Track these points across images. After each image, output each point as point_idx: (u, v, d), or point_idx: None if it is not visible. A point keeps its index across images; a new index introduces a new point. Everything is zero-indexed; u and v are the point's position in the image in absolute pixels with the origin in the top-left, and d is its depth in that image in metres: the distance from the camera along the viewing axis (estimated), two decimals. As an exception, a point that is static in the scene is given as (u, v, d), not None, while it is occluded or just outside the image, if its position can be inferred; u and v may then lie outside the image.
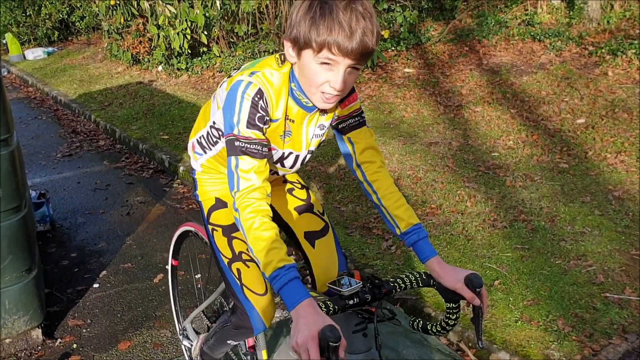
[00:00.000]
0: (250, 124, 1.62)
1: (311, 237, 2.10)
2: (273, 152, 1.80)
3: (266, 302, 1.93)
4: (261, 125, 1.63)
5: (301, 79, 1.64)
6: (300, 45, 1.55)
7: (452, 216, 4.05)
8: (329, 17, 1.49)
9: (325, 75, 1.56)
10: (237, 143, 1.61)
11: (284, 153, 1.83)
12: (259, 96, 1.63)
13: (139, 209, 4.92)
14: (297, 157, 1.86)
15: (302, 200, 2.15)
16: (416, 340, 2.97)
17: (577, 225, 3.78)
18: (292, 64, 1.67)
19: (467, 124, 5.81)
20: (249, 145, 1.61)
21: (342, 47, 1.49)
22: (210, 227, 2.02)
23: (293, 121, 1.76)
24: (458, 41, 8.14)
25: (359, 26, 1.48)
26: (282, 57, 1.70)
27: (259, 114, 1.63)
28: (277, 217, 2.13)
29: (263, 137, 1.64)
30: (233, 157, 1.61)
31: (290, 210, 2.13)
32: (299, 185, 2.17)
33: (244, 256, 1.95)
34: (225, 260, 1.96)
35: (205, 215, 2.04)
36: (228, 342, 2.11)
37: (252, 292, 1.92)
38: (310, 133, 1.82)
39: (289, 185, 2.16)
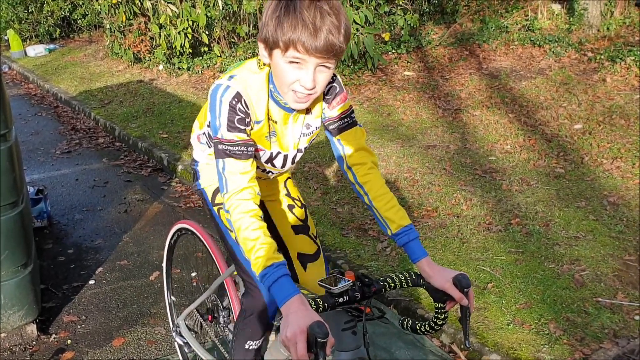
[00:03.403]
0: (231, 127, 1.64)
1: (304, 259, 2.15)
2: (261, 152, 1.82)
3: None
4: (242, 127, 1.65)
5: (275, 79, 1.66)
6: (270, 45, 1.57)
7: (447, 219, 4.07)
8: (293, 15, 1.49)
9: (294, 74, 1.57)
10: (220, 146, 1.64)
11: (272, 153, 1.84)
12: (236, 99, 1.64)
13: (136, 207, 4.93)
14: (285, 156, 1.88)
15: (300, 220, 2.19)
16: (408, 341, 2.99)
17: (571, 230, 3.80)
18: (268, 65, 1.68)
19: (466, 128, 5.83)
20: (232, 148, 1.63)
21: (307, 45, 1.49)
22: (215, 207, 2.03)
23: (276, 122, 1.78)
24: (458, 45, 8.17)
25: (324, 24, 1.48)
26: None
27: (238, 117, 1.64)
28: (274, 232, 2.16)
29: (247, 138, 1.66)
30: (220, 160, 1.64)
31: (287, 227, 2.17)
32: (299, 204, 2.21)
33: None
34: (233, 235, 1.93)
35: (210, 199, 2.05)
36: (247, 345, 2.03)
37: None
38: (297, 132, 1.84)
39: (290, 202, 2.19)
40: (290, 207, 2.18)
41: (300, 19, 1.48)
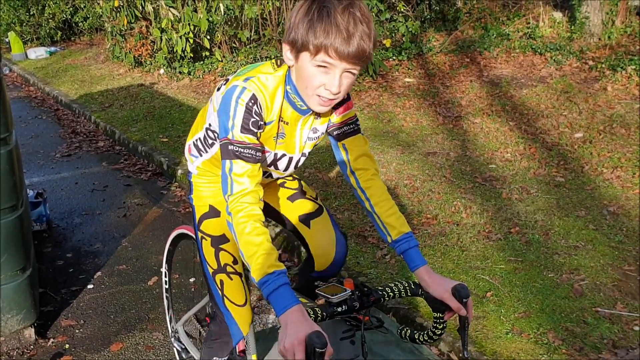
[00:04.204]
0: (245, 129, 1.63)
1: (306, 218, 2.12)
2: (266, 154, 1.82)
3: (245, 312, 1.98)
4: (255, 130, 1.65)
5: (298, 81, 1.66)
6: (298, 48, 1.57)
7: (447, 227, 4.06)
8: (327, 20, 1.50)
9: (321, 78, 1.57)
10: (230, 147, 1.63)
11: (276, 154, 1.84)
12: (252, 101, 1.64)
13: (135, 211, 4.93)
14: (290, 159, 1.88)
15: (293, 189, 2.17)
16: (407, 349, 2.98)
17: (571, 239, 3.80)
18: (289, 67, 1.69)
19: (466, 135, 5.83)
20: (242, 150, 1.63)
21: (339, 50, 1.50)
22: (200, 234, 2.03)
23: (287, 123, 1.78)
24: (459, 52, 8.18)
25: (356, 30, 1.50)
26: (279, 61, 1.72)
27: (253, 119, 1.64)
28: (270, 210, 2.15)
29: (257, 142, 1.66)
30: (227, 161, 1.63)
31: (283, 200, 2.15)
32: (290, 178, 2.19)
33: (229, 268, 1.98)
34: (210, 270, 1.99)
35: (197, 221, 2.05)
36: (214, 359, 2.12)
37: (233, 303, 1.96)
38: (304, 136, 1.84)
39: (280, 180, 2.18)
40: (282, 184, 2.17)
41: (335, 24, 1.49)
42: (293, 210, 2.13)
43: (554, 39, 7.88)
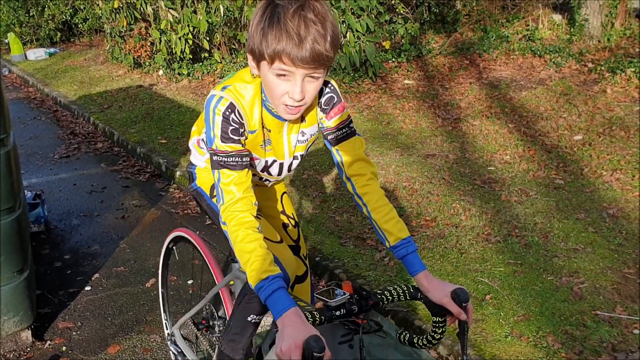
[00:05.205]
0: (225, 138, 1.63)
1: (293, 280, 2.13)
2: (256, 161, 1.81)
3: (282, 249, 1.91)
4: (236, 138, 1.64)
5: (265, 90, 1.64)
6: (257, 57, 1.53)
7: (446, 229, 4.05)
8: (277, 26, 1.45)
9: (283, 86, 1.54)
10: (215, 157, 1.63)
11: (267, 161, 1.83)
12: (230, 110, 1.63)
13: (134, 213, 4.92)
14: (281, 164, 1.87)
15: (293, 241, 2.19)
16: (406, 352, 2.96)
17: (570, 242, 3.78)
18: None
19: (465, 137, 5.83)
20: (226, 159, 1.62)
21: (292, 56, 1.45)
22: (214, 199, 2.00)
23: (270, 130, 1.77)
24: (459, 54, 8.18)
25: (308, 33, 1.44)
26: None
27: (231, 127, 1.63)
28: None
29: (241, 148, 1.65)
30: (215, 171, 1.64)
31: None
32: (293, 222, 2.21)
33: None
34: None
35: (208, 194, 2.04)
36: (249, 318, 1.97)
37: (269, 240, 1.86)
38: (292, 140, 1.82)
39: (284, 220, 2.19)
40: (285, 226, 2.18)
41: (285, 30, 1.44)
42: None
43: (553, 41, 7.88)
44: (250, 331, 1.99)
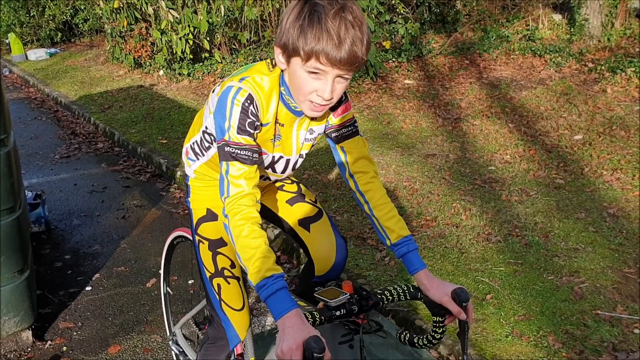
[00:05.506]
0: (241, 130, 1.61)
1: (305, 222, 2.09)
2: (264, 156, 1.80)
3: (242, 317, 1.94)
4: (251, 131, 1.63)
5: (290, 85, 1.64)
6: (289, 53, 1.54)
7: (446, 229, 4.05)
8: (317, 25, 1.46)
9: (313, 84, 1.54)
10: (227, 148, 1.61)
11: (274, 157, 1.83)
12: (249, 102, 1.62)
13: (134, 213, 4.92)
14: (287, 161, 1.86)
15: (293, 192, 2.14)
16: (406, 352, 2.97)
17: (571, 242, 3.78)
18: (282, 70, 1.66)
19: (465, 137, 5.83)
20: (239, 151, 1.61)
21: (331, 56, 1.46)
22: (197, 237, 2.01)
23: (283, 125, 1.77)
24: (459, 54, 8.17)
25: (348, 35, 1.46)
26: (273, 61, 1.69)
27: (249, 120, 1.62)
28: (269, 213, 2.13)
29: (254, 143, 1.64)
30: (224, 163, 1.61)
31: (282, 204, 2.12)
32: (289, 181, 2.17)
33: (226, 272, 1.95)
34: (208, 274, 1.96)
35: (194, 224, 2.04)
36: None
37: (230, 307, 1.93)
38: (301, 137, 1.83)
39: (278, 183, 2.16)
40: (280, 187, 2.14)
41: (325, 30, 1.45)
42: (292, 213, 2.10)
43: (553, 41, 7.87)
44: None
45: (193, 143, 1.99)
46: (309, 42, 1.47)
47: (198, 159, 1.98)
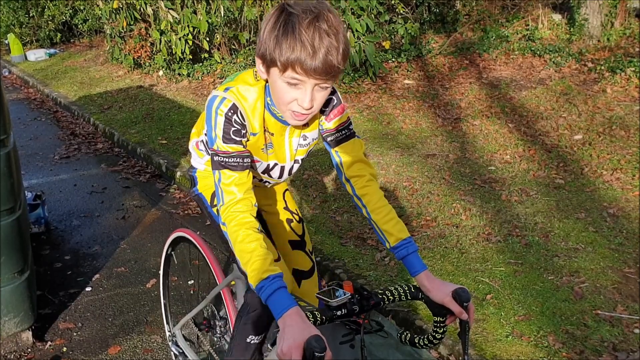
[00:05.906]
0: (226, 139, 1.63)
1: (299, 275, 2.16)
2: (257, 164, 1.81)
3: (280, 265, 1.91)
4: (238, 139, 1.64)
5: (272, 96, 1.65)
6: (268, 63, 1.54)
7: (446, 229, 4.05)
8: (292, 35, 1.46)
9: (292, 93, 1.55)
10: (216, 158, 1.64)
11: (269, 165, 1.84)
12: (232, 111, 1.63)
13: (134, 213, 4.92)
14: (282, 167, 1.87)
15: (297, 235, 2.18)
16: (406, 352, 2.97)
17: (571, 242, 3.78)
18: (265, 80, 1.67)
19: (465, 137, 5.83)
20: (227, 160, 1.63)
21: (305, 66, 1.46)
22: (214, 209, 2.01)
23: (273, 134, 1.77)
24: (459, 54, 8.17)
25: (322, 44, 1.46)
26: None
27: (234, 128, 1.63)
28: (269, 239, 2.14)
29: (242, 149, 1.65)
30: (216, 171, 1.64)
31: (285, 242, 2.16)
32: (297, 218, 2.21)
33: None
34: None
35: (209, 202, 2.04)
36: (248, 339, 1.94)
37: None
38: (294, 144, 1.83)
39: (288, 215, 2.19)
40: (289, 221, 2.18)
41: (299, 40, 1.45)
42: (290, 259, 2.16)
43: (553, 40, 7.87)
44: (251, 352, 1.98)
45: (201, 141, 2.00)
46: (284, 53, 1.47)
47: (208, 154, 1.99)
